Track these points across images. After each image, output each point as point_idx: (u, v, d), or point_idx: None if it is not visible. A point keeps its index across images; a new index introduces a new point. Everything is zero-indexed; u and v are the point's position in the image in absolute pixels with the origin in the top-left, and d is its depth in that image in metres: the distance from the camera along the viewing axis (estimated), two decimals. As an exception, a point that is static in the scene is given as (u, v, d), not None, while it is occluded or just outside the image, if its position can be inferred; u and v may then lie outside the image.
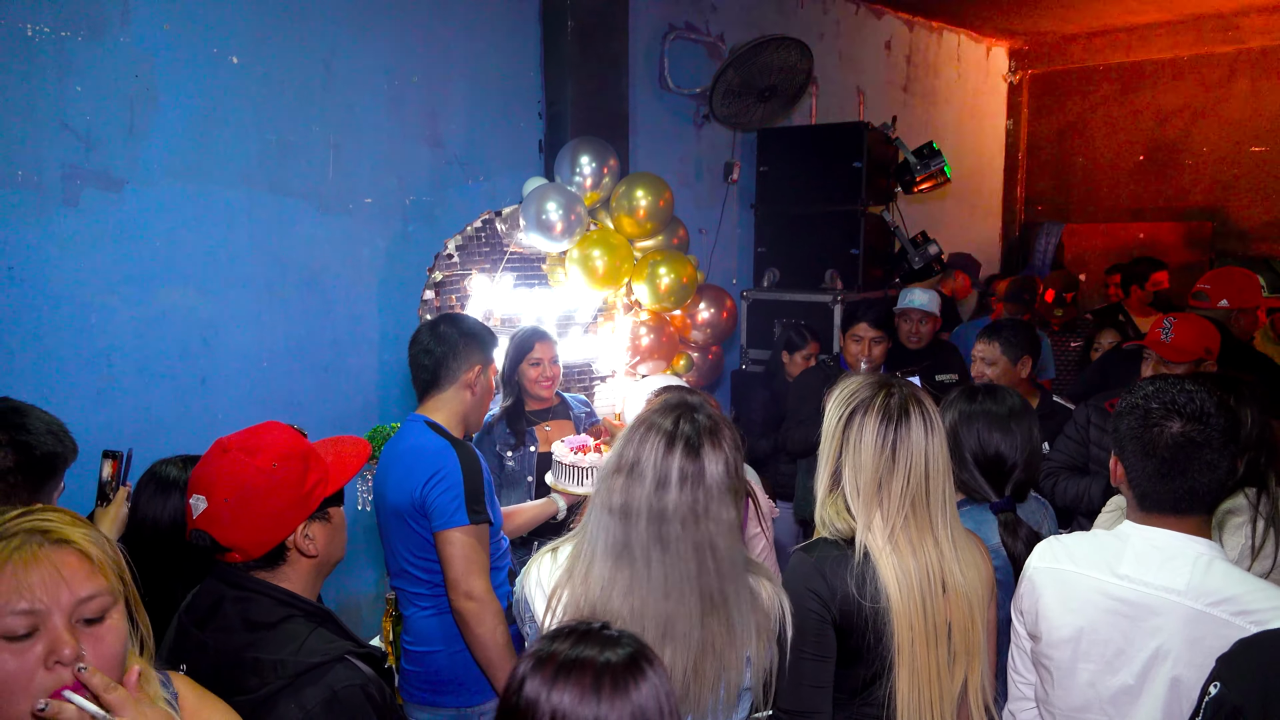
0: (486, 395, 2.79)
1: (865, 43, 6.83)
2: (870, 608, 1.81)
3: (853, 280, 5.36)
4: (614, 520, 1.69)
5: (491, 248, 4.13)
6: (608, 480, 1.71)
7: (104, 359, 3.46)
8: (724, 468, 1.71)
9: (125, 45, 3.42)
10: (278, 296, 3.90)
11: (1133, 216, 7.90)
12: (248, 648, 1.62)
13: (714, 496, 1.68)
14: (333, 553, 1.79)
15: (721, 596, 1.68)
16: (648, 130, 5.23)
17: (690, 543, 1.66)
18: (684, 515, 1.66)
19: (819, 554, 1.90)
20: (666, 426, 1.72)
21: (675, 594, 1.66)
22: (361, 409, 4.18)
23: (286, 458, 1.68)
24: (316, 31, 3.91)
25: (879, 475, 1.85)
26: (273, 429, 1.74)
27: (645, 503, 1.67)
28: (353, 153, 4.06)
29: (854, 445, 1.89)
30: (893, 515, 1.84)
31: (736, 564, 1.71)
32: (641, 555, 1.67)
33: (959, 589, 1.85)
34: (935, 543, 1.86)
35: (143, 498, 2.12)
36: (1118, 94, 7.96)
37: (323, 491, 1.72)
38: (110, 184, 3.43)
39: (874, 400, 1.91)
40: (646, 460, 1.68)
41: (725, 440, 1.75)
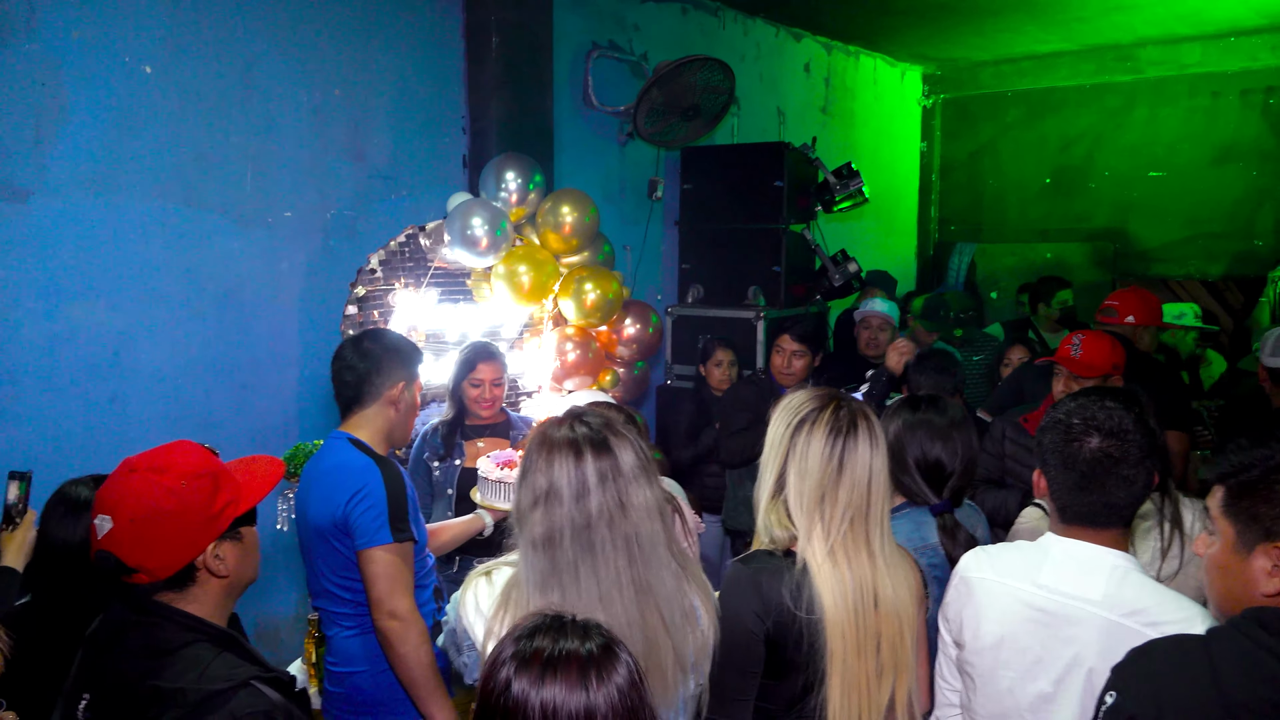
0: (411, 411, 2.77)
1: (785, 65, 6.98)
2: (805, 619, 1.85)
3: (775, 297, 5.45)
4: (539, 553, 1.69)
5: (416, 263, 4.10)
6: (527, 515, 1.71)
7: (7, 376, 3.32)
8: (633, 451, 1.74)
9: (31, 52, 3.31)
10: (193, 312, 3.80)
11: (1040, 237, 8.21)
12: (148, 675, 1.58)
13: (630, 482, 1.71)
14: (244, 573, 1.75)
15: (648, 584, 1.70)
16: (572, 147, 5.25)
17: (620, 537, 1.68)
18: (609, 514, 1.68)
19: (756, 565, 1.93)
20: (565, 436, 1.73)
21: (608, 598, 1.67)
22: (281, 426, 4.09)
23: (195, 476, 1.64)
24: (235, 41, 3.84)
25: (823, 487, 1.89)
26: (182, 448, 1.70)
27: (567, 520, 1.68)
28: (272, 165, 3.99)
29: (800, 454, 1.92)
30: (833, 528, 1.88)
31: (658, 545, 1.73)
32: (570, 575, 1.67)
33: (890, 603, 1.90)
34: (870, 556, 1.91)
35: (52, 519, 2.04)
36: (1025, 119, 8.28)
37: (233, 511, 1.68)
38: (14, 195, 3.31)
39: (823, 413, 1.94)
40: (560, 478, 1.69)
41: (621, 425, 1.78)
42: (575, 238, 4.24)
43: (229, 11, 3.81)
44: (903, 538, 2.28)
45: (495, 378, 3.70)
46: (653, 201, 5.74)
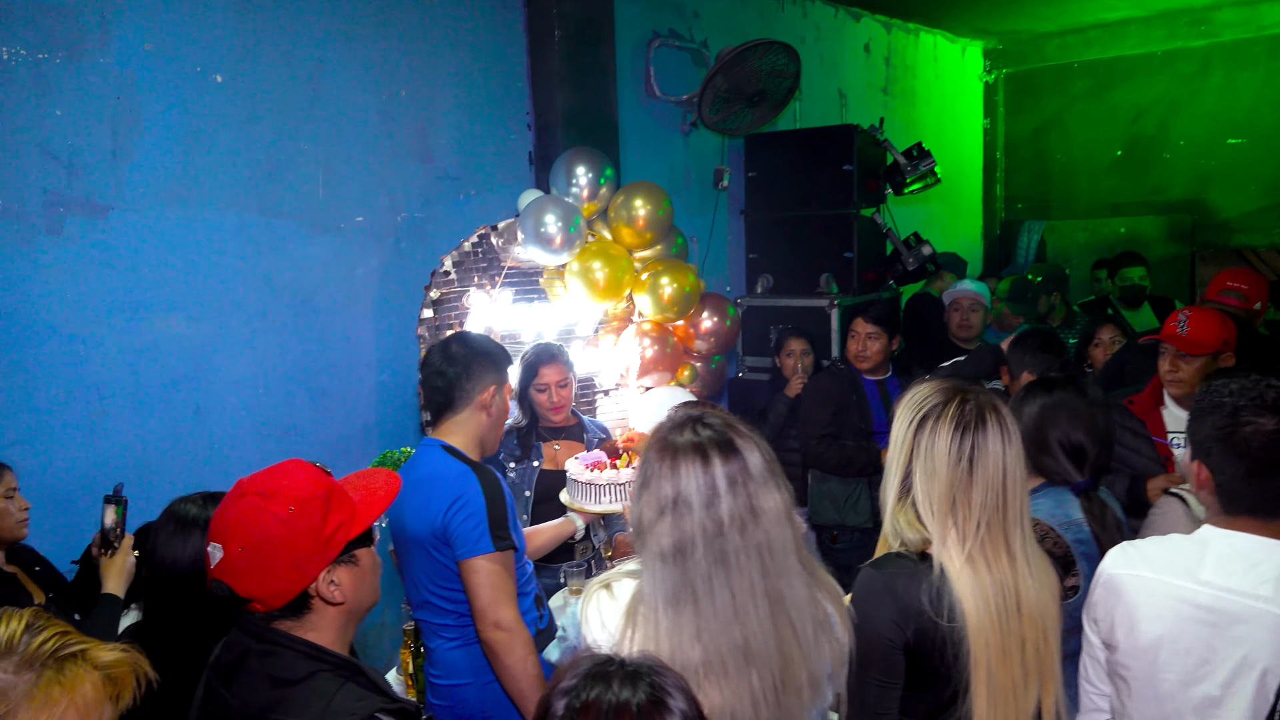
0: (502, 415, 2.70)
1: (845, 45, 6.82)
2: (946, 627, 1.74)
3: (848, 283, 5.32)
4: (668, 566, 1.58)
5: (489, 263, 4.04)
6: (652, 528, 1.60)
7: (94, 392, 3.32)
8: (760, 453, 1.64)
9: (105, 66, 3.30)
10: (271, 320, 3.78)
11: (1112, 211, 7.94)
12: (272, 708, 1.53)
13: (760, 485, 1.60)
14: (363, 598, 1.68)
15: (780, 595, 1.60)
16: (635, 139, 5.16)
17: (752, 547, 1.58)
18: (741, 520, 1.57)
19: (890, 571, 1.82)
20: (690, 441, 1.62)
21: (744, 612, 1.57)
22: (360, 432, 4.07)
23: (305, 501, 1.57)
24: (302, 47, 3.80)
25: (954, 488, 1.77)
26: (292, 468, 1.64)
27: (699, 529, 1.57)
28: (343, 170, 3.95)
29: (926, 454, 1.81)
30: (969, 531, 1.77)
31: (789, 554, 1.62)
32: (704, 588, 1.57)
33: (1033, 605, 1.78)
34: (1010, 558, 1.78)
35: (161, 538, 2.00)
36: (1093, 90, 8.00)
37: (346, 535, 1.61)
38: (95, 210, 3.30)
39: (947, 407, 1.82)
40: (688, 485, 1.59)
41: (745, 426, 1.68)
42: (649, 231, 4.14)
43: (295, 17, 3.78)
44: (1044, 514, 2.17)
45: (560, 379, 3.63)
46: (718, 191, 5.62)
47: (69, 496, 3.22)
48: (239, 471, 3.60)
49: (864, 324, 4.24)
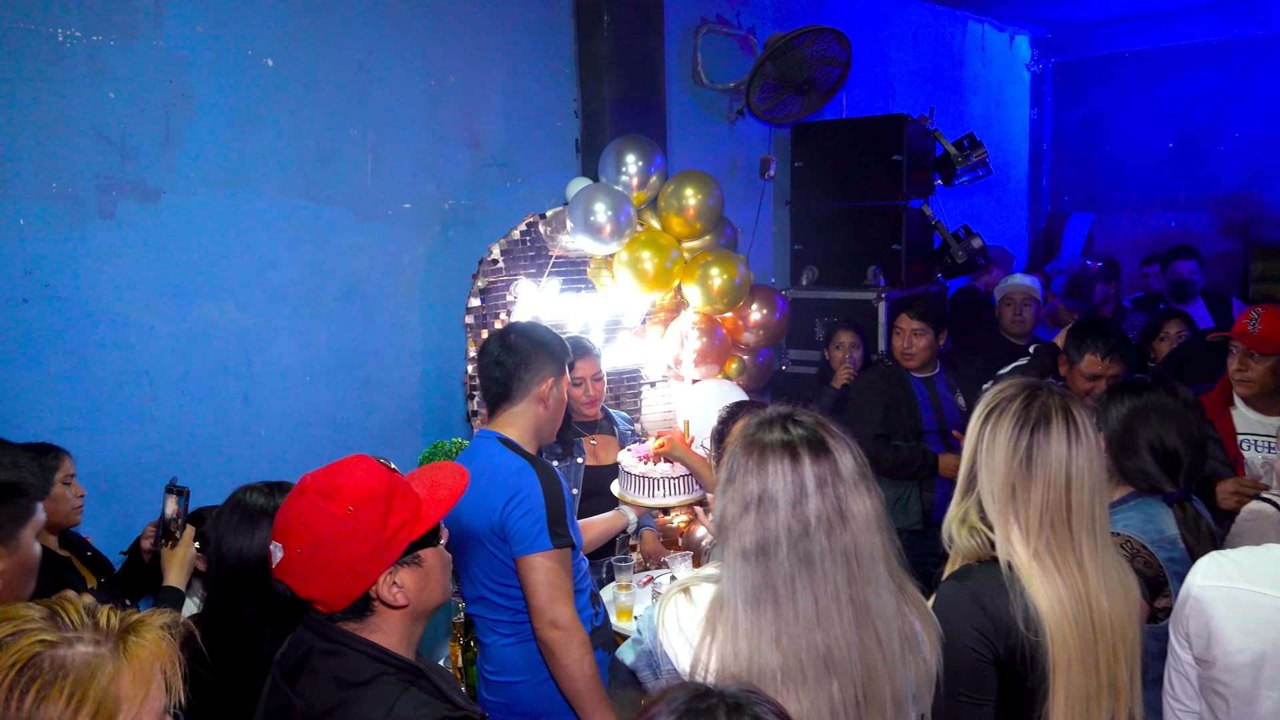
0: (560, 407, 2.65)
1: (892, 34, 6.69)
2: (1031, 639, 1.66)
3: (896, 276, 5.22)
4: (749, 564, 1.53)
5: (537, 252, 3.99)
6: (735, 524, 1.55)
7: (144, 378, 3.30)
8: (852, 455, 1.58)
9: (159, 49, 3.27)
10: (318, 308, 3.74)
11: (1163, 205, 7.77)
12: (334, 710, 1.49)
13: (850, 488, 1.54)
14: (428, 599, 1.62)
15: (866, 605, 1.53)
16: (682, 127, 5.08)
17: (838, 550, 1.52)
18: (828, 522, 1.51)
19: (975, 582, 1.75)
20: (779, 439, 1.57)
21: (826, 618, 1.51)
22: (405, 422, 4.03)
23: (365, 501, 1.51)
24: (352, 31, 3.75)
25: (1012, 482, 1.73)
26: (353, 466, 1.58)
27: (783, 528, 1.51)
28: (391, 157, 3.91)
29: (988, 449, 1.79)
30: (1031, 528, 1.71)
31: (878, 562, 1.56)
32: (785, 589, 1.51)
33: (1105, 617, 1.71)
34: (1079, 564, 1.71)
35: (227, 528, 1.95)
36: (1144, 80, 7.82)
37: (408, 535, 1.55)
38: (147, 194, 3.27)
39: (1012, 403, 1.79)
40: (775, 483, 1.53)
41: (838, 427, 1.62)
42: (699, 221, 4.07)
43: (346, 1, 3.73)
44: (1135, 530, 2.08)
45: (594, 373, 3.59)
46: (764, 181, 5.54)
47: (117, 483, 3.21)
48: (285, 461, 3.63)
49: (909, 319, 4.11)
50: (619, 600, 3.27)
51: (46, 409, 3.06)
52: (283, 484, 1.97)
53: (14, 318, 3.00)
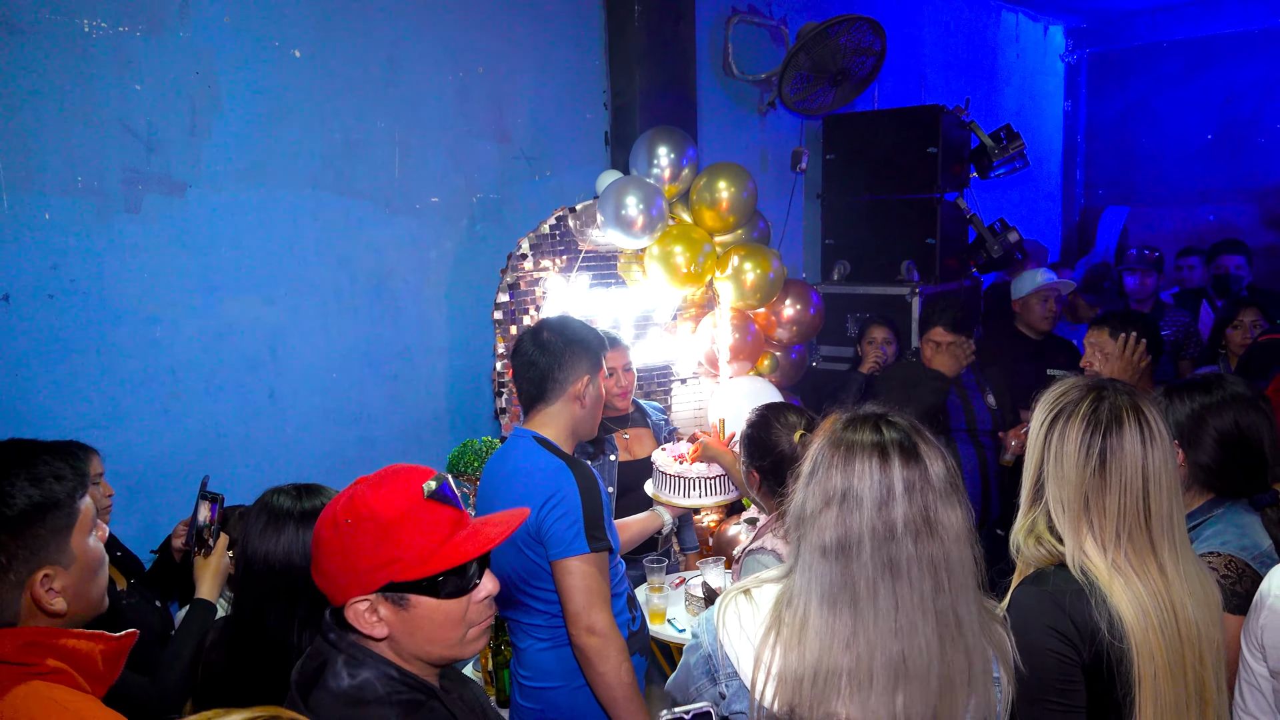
0: (597, 404, 2.56)
1: (925, 23, 6.57)
2: (1115, 645, 1.57)
3: (930, 271, 5.11)
4: (829, 561, 1.45)
5: (566, 246, 3.91)
6: (815, 519, 1.47)
7: (170, 374, 3.26)
8: (943, 465, 1.49)
9: (185, 41, 3.21)
10: (344, 303, 3.69)
11: (1202, 198, 7.60)
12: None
13: (941, 498, 1.46)
14: (418, 647, 1.47)
15: (957, 619, 1.45)
16: (712, 119, 4.99)
17: (925, 559, 1.43)
18: (916, 528, 1.43)
19: (1053, 586, 1.65)
20: (870, 439, 1.49)
21: (908, 627, 1.43)
22: (431, 419, 3.97)
23: (363, 520, 1.42)
24: (380, 22, 3.69)
25: (1084, 490, 1.63)
26: (390, 481, 1.47)
27: (867, 527, 1.44)
28: (419, 150, 3.84)
29: (1056, 454, 1.68)
30: (1108, 539, 1.62)
31: (969, 577, 1.48)
32: (867, 591, 1.43)
33: (1190, 624, 1.61)
34: (1160, 570, 1.62)
35: (253, 531, 1.89)
36: (1184, 71, 7.65)
37: (392, 574, 1.41)
38: (173, 188, 3.22)
39: (1080, 404, 1.68)
40: (861, 483, 1.45)
41: (931, 434, 1.54)
42: (732, 214, 3.98)
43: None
44: (1233, 546, 1.97)
45: (625, 364, 3.52)
46: (795, 174, 5.43)
47: (143, 481, 3.17)
48: (312, 458, 3.57)
49: (944, 333, 3.91)
50: (651, 603, 3.19)
51: (71, 406, 3.01)
52: (312, 487, 1.91)
53: (39, 313, 2.95)
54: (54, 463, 1.51)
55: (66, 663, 1.40)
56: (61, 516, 1.48)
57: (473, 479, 3.12)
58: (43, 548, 1.44)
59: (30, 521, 1.43)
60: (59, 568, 1.46)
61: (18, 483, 1.43)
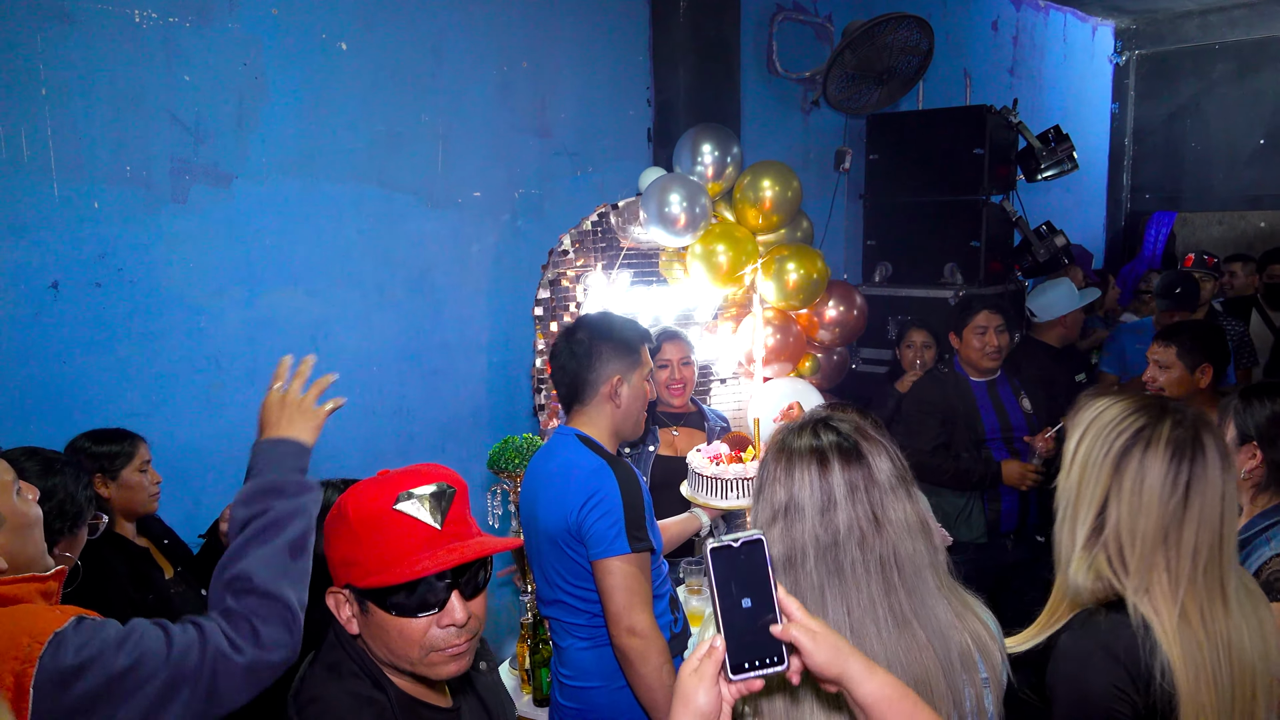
0: (636, 401, 2.50)
1: (972, 23, 6.48)
2: (1169, 694, 1.47)
3: (974, 274, 5.03)
4: (779, 576, 1.39)
5: (608, 243, 3.89)
6: (767, 533, 1.42)
7: (214, 364, 3.27)
8: (888, 459, 1.45)
9: (234, 32, 3.22)
10: (386, 296, 3.69)
11: (1252, 204, 7.44)
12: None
13: (887, 494, 1.42)
14: (378, 650, 1.47)
15: (914, 614, 1.41)
16: (756, 117, 4.94)
17: (873, 560, 1.40)
18: (860, 532, 1.40)
19: (1106, 631, 1.54)
20: (808, 445, 1.45)
21: (860, 630, 1.39)
22: (470, 415, 3.96)
23: (341, 515, 1.44)
24: (425, 15, 3.68)
25: (1165, 525, 1.51)
26: (394, 479, 1.46)
27: (810, 538, 1.41)
28: (462, 144, 3.83)
29: (1134, 485, 1.54)
30: (1181, 577, 1.51)
31: (924, 569, 1.43)
32: (814, 602, 1.40)
33: (1245, 661, 1.53)
34: (1224, 603, 1.52)
35: None
36: (1236, 73, 7.49)
37: (349, 577, 1.44)
38: (219, 179, 3.23)
39: (1159, 428, 1.55)
40: (801, 492, 1.42)
41: (875, 430, 1.50)
42: (776, 214, 3.94)
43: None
44: None
45: (682, 356, 3.48)
46: (838, 174, 5.37)
47: (186, 468, 3.18)
48: (351, 451, 3.57)
49: (991, 315, 3.84)
50: (690, 605, 3.16)
51: (117, 394, 3.03)
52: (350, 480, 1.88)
53: (87, 301, 2.97)
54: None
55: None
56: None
57: (513, 476, 3.10)
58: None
59: None
60: None
61: None
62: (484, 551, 1.43)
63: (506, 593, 4.02)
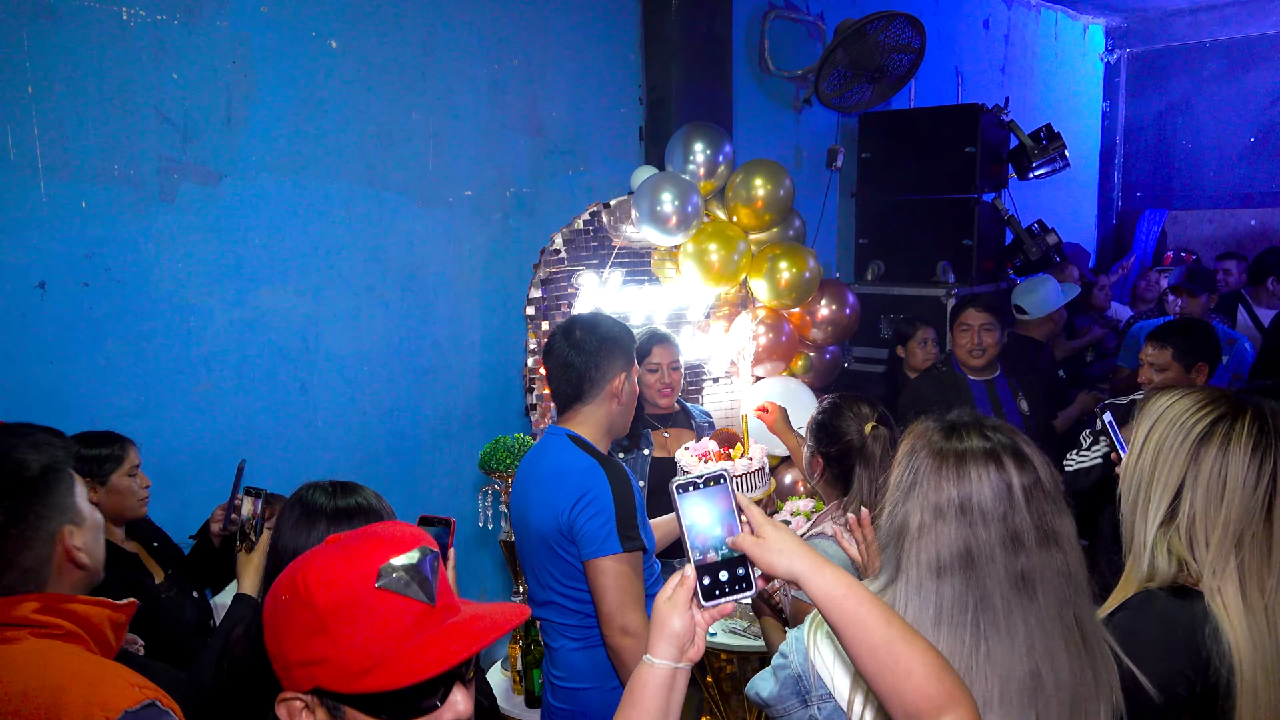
0: (632, 401, 2.52)
1: (963, 21, 6.48)
2: (1227, 680, 1.48)
3: (966, 273, 5.03)
4: (944, 579, 1.37)
5: (600, 242, 3.87)
6: (924, 535, 1.40)
7: (202, 364, 3.24)
8: (1049, 470, 1.42)
9: (222, 29, 3.20)
10: (376, 296, 3.66)
11: (1242, 202, 7.46)
12: None
13: (1054, 504, 1.39)
14: None
15: (1081, 631, 1.38)
16: (748, 115, 4.93)
17: (1052, 569, 1.37)
18: (1038, 538, 1.36)
19: (1166, 612, 1.54)
20: (980, 446, 1.41)
21: (1041, 644, 1.35)
22: (461, 414, 3.94)
23: (300, 602, 1.10)
24: (416, 13, 3.66)
25: (1244, 516, 1.51)
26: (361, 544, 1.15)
27: (997, 540, 1.36)
28: (453, 142, 3.81)
29: (1213, 476, 1.54)
30: (1252, 568, 1.51)
31: (1086, 585, 1.41)
32: (1001, 608, 1.36)
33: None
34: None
35: (286, 524, 1.84)
36: (1227, 71, 7.51)
37: (320, 679, 1.09)
38: (208, 178, 3.21)
39: (1239, 422, 1.55)
40: (981, 490, 1.37)
41: (1030, 440, 1.46)
42: (768, 212, 3.93)
43: (410, -19, 3.64)
44: None
45: (671, 361, 3.47)
46: (830, 172, 5.37)
47: (176, 470, 3.15)
48: (342, 451, 3.55)
49: (978, 314, 3.87)
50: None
51: (105, 394, 3.01)
52: (349, 486, 1.85)
53: (74, 301, 2.94)
54: (42, 434, 1.57)
55: (80, 628, 1.45)
56: (67, 478, 1.55)
57: (505, 476, 3.09)
58: (63, 507, 1.51)
59: (48, 483, 1.50)
60: (75, 526, 1.53)
61: (24, 450, 1.50)
62: (501, 630, 1.17)
63: (497, 592, 4.01)
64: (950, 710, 1.15)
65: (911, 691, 1.16)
